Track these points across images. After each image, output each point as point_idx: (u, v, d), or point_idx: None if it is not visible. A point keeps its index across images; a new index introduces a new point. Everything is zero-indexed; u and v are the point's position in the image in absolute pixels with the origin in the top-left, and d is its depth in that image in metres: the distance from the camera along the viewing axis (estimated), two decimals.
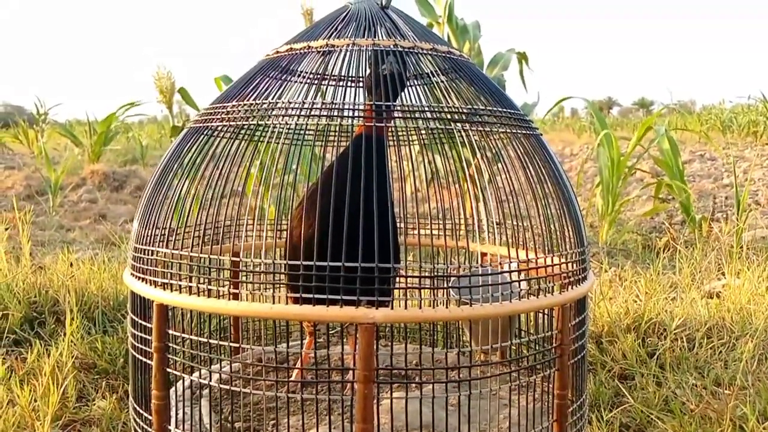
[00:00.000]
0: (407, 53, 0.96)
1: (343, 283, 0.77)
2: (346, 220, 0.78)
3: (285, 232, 1.20)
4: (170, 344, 0.87)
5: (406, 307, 0.79)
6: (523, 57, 4.02)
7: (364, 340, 0.77)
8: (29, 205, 5.26)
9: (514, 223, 0.98)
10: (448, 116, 0.90)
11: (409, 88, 1.05)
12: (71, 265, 1.94)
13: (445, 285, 0.83)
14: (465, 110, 0.91)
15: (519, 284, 0.88)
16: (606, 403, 1.19)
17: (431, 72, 0.98)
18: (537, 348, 1.00)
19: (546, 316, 1.03)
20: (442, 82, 0.97)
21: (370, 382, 0.77)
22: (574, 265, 0.95)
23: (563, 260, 0.93)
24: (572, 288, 0.92)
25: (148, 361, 0.89)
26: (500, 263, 0.95)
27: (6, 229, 3.37)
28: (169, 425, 0.89)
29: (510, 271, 0.86)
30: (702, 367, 1.38)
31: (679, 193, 3.55)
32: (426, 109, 0.90)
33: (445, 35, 4.10)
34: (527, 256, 0.92)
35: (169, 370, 0.87)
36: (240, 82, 1.02)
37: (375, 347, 0.78)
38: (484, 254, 1.20)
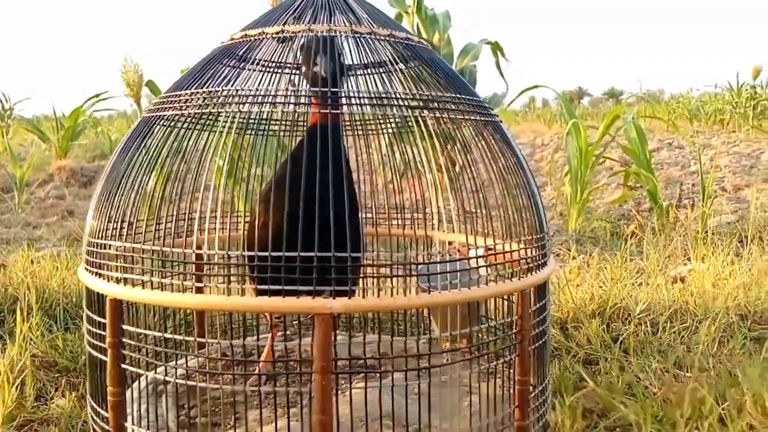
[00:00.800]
0: (362, 38, 0.95)
1: (300, 274, 0.76)
2: (302, 211, 0.77)
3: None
4: (127, 340, 0.85)
5: (364, 296, 0.78)
6: (497, 47, 4.01)
7: (321, 330, 0.76)
8: None
9: (475, 210, 0.97)
10: (405, 103, 0.89)
11: (367, 76, 1.05)
12: (32, 262, 1.89)
13: (407, 273, 0.83)
14: (421, 97, 0.91)
15: (479, 271, 0.88)
16: (570, 389, 1.20)
17: (389, 59, 0.97)
18: (499, 334, 1.00)
19: (509, 303, 1.03)
20: (400, 69, 0.96)
21: (327, 373, 0.77)
22: (534, 250, 0.95)
23: (522, 246, 0.93)
24: (532, 274, 0.92)
25: (104, 358, 0.87)
26: (458, 250, 0.95)
27: None
28: (126, 422, 0.87)
29: (469, 258, 0.86)
30: (665, 350, 1.40)
31: (646, 181, 3.59)
32: (382, 96, 0.89)
33: (414, 26, 4.08)
34: (486, 243, 0.92)
35: (128, 367, 0.86)
36: (194, 70, 1.00)
37: (333, 338, 0.77)
38: (449, 243, 1.20)
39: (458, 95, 0.96)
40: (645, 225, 3.44)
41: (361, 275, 0.81)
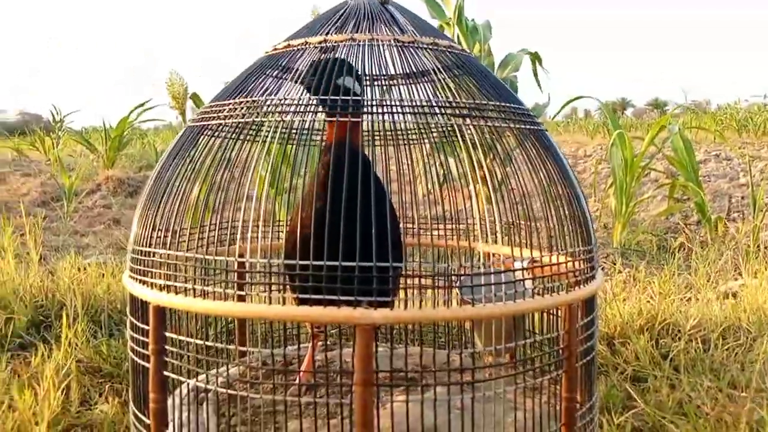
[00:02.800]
0: (405, 47, 0.94)
1: (341, 284, 0.75)
2: (343, 222, 0.76)
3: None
4: (169, 348, 0.85)
5: (405, 308, 0.76)
6: (536, 57, 3.98)
7: (362, 341, 0.75)
8: (44, 212, 5.31)
9: (522, 222, 0.95)
10: (449, 111, 0.87)
11: (410, 85, 1.03)
12: (79, 269, 1.93)
13: (448, 285, 0.81)
14: (467, 105, 0.89)
15: (524, 283, 0.86)
16: (617, 407, 1.16)
17: (432, 68, 0.96)
18: (545, 349, 0.97)
19: (555, 317, 1.00)
20: (442, 79, 0.95)
21: (368, 385, 0.75)
22: (582, 263, 0.92)
23: (569, 258, 0.90)
24: (580, 287, 0.90)
25: (147, 365, 0.88)
26: (503, 262, 0.92)
27: (21, 235, 3.39)
28: (167, 429, 0.87)
29: (514, 270, 0.84)
30: (717, 369, 1.34)
31: (694, 193, 3.50)
32: (426, 104, 0.88)
33: (455, 37, 4.07)
34: (531, 254, 0.90)
35: (170, 374, 0.86)
36: (238, 80, 1.00)
37: (374, 349, 0.76)
38: (493, 254, 1.17)
39: (502, 103, 0.94)
40: (693, 238, 3.34)
41: (403, 286, 0.80)
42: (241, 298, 0.84)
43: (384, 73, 1.03)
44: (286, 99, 0.88)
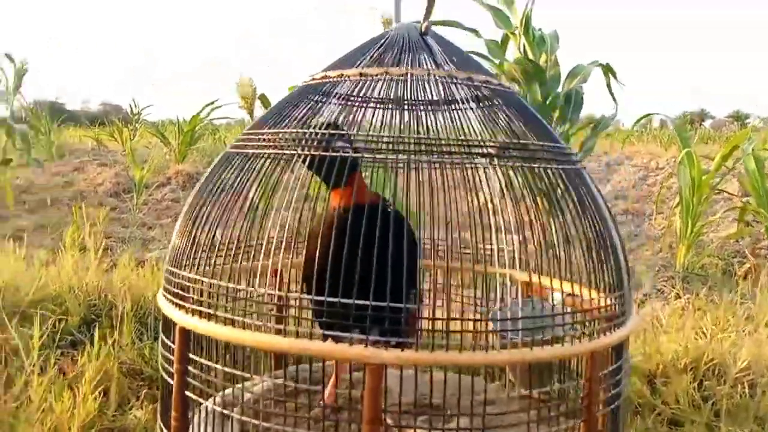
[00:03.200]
0: (439, 81, 0.94)
1: (356, 322, 0.76)
2: (359, 262, 0.77)
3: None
4: (193, 369, 0.88)
5: (416, 350, 0.76)
6: (608, 70, 3.88)
7: (371, 380, 0.75)
8: (116, 202, 5.52)
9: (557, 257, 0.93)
10: (477, 150, 0.87)
11: (445, 119, 1.03)
12: (132, 270, 2.01)
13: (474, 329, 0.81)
14: (494, 145, 0.88)
15: (559, 321, 0.84)
16: None
17: (463, 102, 0.95)
18: (578, 391, 0.94)
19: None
20: (475, 115, 0.94)
21: (377, 424, 0.76)
22: (610, 309, 0.89)
23: (595, 305, 0.88)
24: (605, 334, 0.87)
25: (171, 382, 0.91)
26: (522, 297, 0.91)
27: (91, 225, 3.53)
28: None
29: (542, 316, 0.82)
30: (763, 417, 1.28)
31: (765, 218, 3.34)
32: (450, 143, 0.87)
33: (520, 47, 4.02)
34: (563, 296, 0.88)
35: (191, 395, 0.88)
36: (278, 107, 1.02)
37: (384, 387, 0.76)
38: (527, 284, 1.16)
39: (536, 142, 0.93)
40: (762, 265, 3.19)
41: (420, 327, 0.80)
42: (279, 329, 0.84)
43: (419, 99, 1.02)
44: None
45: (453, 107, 0.98)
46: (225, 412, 0.87)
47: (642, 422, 1.27)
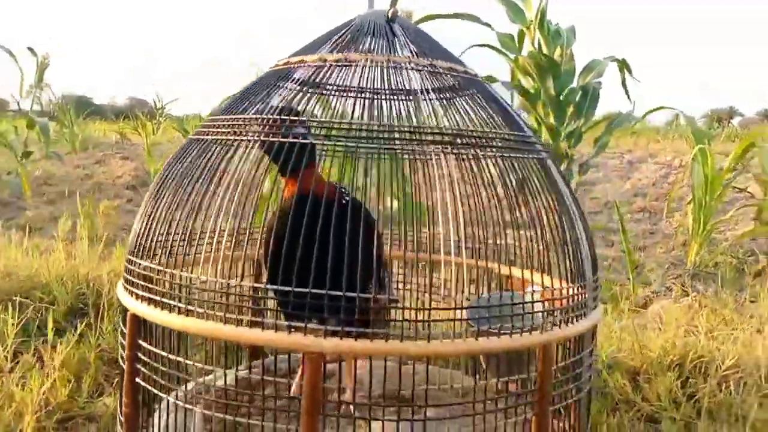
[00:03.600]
0: (398, 68, 0.92)
1: (311, 311, 0.75)
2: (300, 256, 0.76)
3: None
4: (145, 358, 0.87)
5: (356, 339, 0.75)
6: (624, 65, 3.82)
7: (310, 369, 0.74)
8: (132, 195, 5.58)
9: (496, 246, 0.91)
10: (427, 138, 0.85)
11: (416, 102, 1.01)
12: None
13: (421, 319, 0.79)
14: (449, 133, 0.86)
15: (534, 313, 0.83)
16: None
17: (426, 89, 0.93)
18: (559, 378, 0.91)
19: (574, 347, 0.95)
20: (429, 100, 0.92)
21: (315, 414, 0.74)
22: (569, 301, 0.87)
23: (550, 296, 0.85)
24: (562, 326, 0.85)
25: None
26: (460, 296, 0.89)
27: (106, 215, 3.58)
28: None
29: (485, 307, 0.80)
30: (746, 416, 1.24)
31: None
32: (413, 130, 0.85)
33: (535, 42, 3.97)
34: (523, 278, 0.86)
35: (142, 382, 0.88)
36: (240, 94, 1.01)
37: (322, 377, 0.75)
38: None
39: (502, 130, 0.91)
40: None
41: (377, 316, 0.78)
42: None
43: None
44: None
45: (409, 96, 0.96)
46: (187, 406, 0.87)
47: (620, 418, 1.24)
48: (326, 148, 0.96)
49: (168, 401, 0.98)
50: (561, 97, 3.81)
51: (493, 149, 0.88)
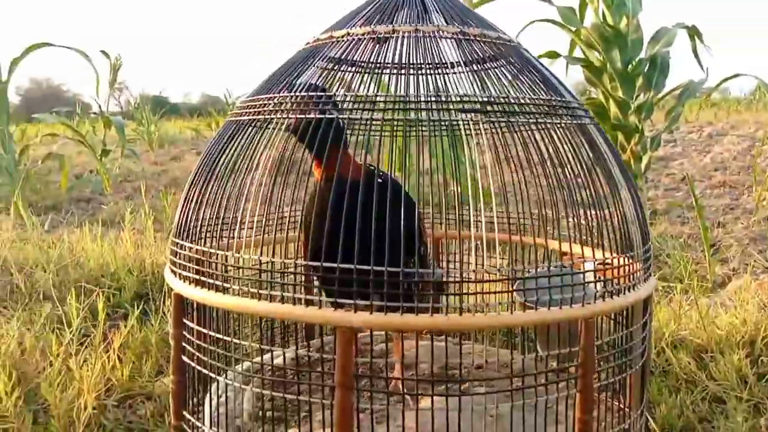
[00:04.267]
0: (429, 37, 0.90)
1: (337, 285, 0.75)
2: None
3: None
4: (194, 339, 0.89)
5: (386, 313, 0.74)
6: (694, 33, 3.64)
7: (341, 344, 0.74)
8: None
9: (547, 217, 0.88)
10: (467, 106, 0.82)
11: (446, 75, 0.99)
12: None
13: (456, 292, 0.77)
14: (480, 101, 0.83)
15: (588, 286, 0.80)
16: (684, 429, 1.04)
17: (456, 62, 0.91)
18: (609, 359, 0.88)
19: (624, 321, 0.91)
20: (468, 71, 0.89)
21: (348, 389, 0.74)
22: (609, 273, 0.83)
23: (595, 266, 0.82)
24: (606, 300, 0.81)
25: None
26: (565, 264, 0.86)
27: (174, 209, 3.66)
28: (184, 410, 0.92)
29: (521, 277, 0.78)
30: None
31: None
32: (442, 99, 0.83)
33: (599, 11, 3.83)
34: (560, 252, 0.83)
35: (188, 360, 0.90)
36: (279, 74, 1.01)
37: (354, 351, 0.75)
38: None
39: (544, 96, 0.87)
40: None
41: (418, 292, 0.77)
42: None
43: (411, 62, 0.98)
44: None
45: (445, 68, 0.94)
46: (236, 384, 0.88)
47: (682, 398, 1.18)
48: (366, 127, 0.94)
49: (219, 381, 1.00)
50: (629, 69, 3.67)
51: (526, 116, 0.84)
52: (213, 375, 0.90)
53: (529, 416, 0.89)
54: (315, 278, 0.81)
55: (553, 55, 3.66)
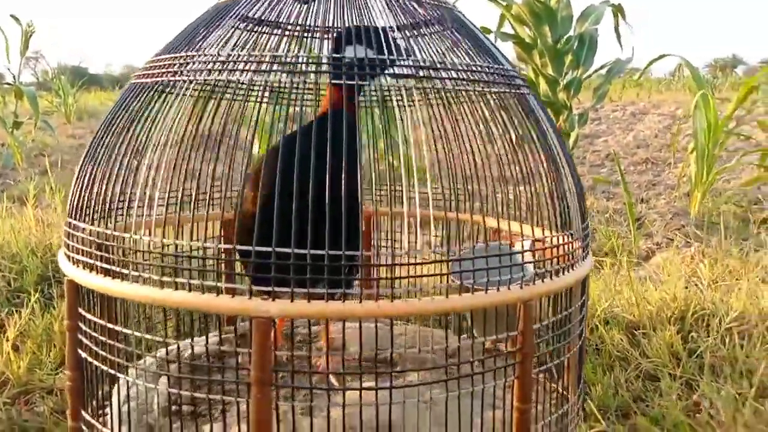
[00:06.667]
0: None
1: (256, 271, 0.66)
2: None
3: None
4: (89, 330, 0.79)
5: (309, 300, 0.66)
6: (618, 11, 3.69)
7: (257, 336, 0.66)
8: None
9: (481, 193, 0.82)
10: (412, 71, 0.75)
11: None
12: None
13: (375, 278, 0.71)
14: (429, 65, 0.76)
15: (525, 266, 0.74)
16: (619, 408, 1.02)
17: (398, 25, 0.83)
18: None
19: (564, 299, 0.86)
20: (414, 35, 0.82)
21: (265, 384, 0.66)
22: (548, 252, 0.78)
23: (533, 246, 0.77)
24: (543, 280, 0.76)
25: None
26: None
27: None
28: (83, 410, 0.82)
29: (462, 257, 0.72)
30: (752, 370, 1.16)
31: None
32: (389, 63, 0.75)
33: None
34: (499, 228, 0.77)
35: (85, 354, 0.80)
36: (188, 30, 0.90)
37: (272, 345, 0.67)
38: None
39: (483, 63, 0.81)
40: None
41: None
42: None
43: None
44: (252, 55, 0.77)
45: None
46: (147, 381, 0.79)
47: (616, 376, 1.16)
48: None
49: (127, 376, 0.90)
50: (558, 46, 3.68)
51: (465, 83, 0.78)
52: (113, 372, 0.80)
53: (464, 401, 0.83)
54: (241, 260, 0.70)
55: (484, 30, 3.63)
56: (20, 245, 1.69)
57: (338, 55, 0.75)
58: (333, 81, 0.83)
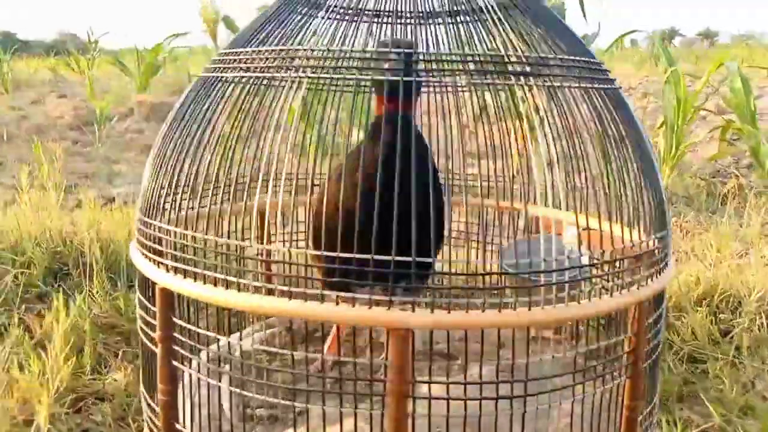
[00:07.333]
0: None
1: (376, 279, 0.64)
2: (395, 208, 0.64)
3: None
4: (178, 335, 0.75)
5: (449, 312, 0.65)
6: None
7: (395, 349, 0.64)
8: (77, 136, 5.24)
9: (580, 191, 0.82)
10: (508, 68, 0.73)
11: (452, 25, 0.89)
12: (101, 207, 1.82)
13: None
14: (530, 60, 0.74)
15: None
16: (674, 396, 1.04)
17: (484, 7, 0.80)
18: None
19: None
20: (499, 20, 0.78)
21: (404, 397, 0.65)
22: (658, 252, 0.78)
23: (637, 248, 0.76)
24: (653, 280, 0.76)
25: (155, 349, 0.78)
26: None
27: (51, 163, 3.31)
28: (178, 423, 0.78)
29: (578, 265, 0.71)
30: None
31: (749, 136, 3.27)
32: (474, 59, 0.73)
33: None
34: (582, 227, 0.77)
35: (180, 365, 0.76)
36: (261, 20, 0.86)
37: (411, 357, 0.65)
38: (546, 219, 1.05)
39: (574, 56, 0.79)
40: (745, 185, 3.16)
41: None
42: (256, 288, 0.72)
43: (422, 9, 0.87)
44: (315, 49, 0.73)
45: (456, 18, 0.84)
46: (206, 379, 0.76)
47: (661, 362, 1.19)
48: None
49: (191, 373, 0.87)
50: None
51: (580, 80, 0.76)
52: (205, 378, 0.76)
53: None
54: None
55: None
56: (22, 234, 1.58)
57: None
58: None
